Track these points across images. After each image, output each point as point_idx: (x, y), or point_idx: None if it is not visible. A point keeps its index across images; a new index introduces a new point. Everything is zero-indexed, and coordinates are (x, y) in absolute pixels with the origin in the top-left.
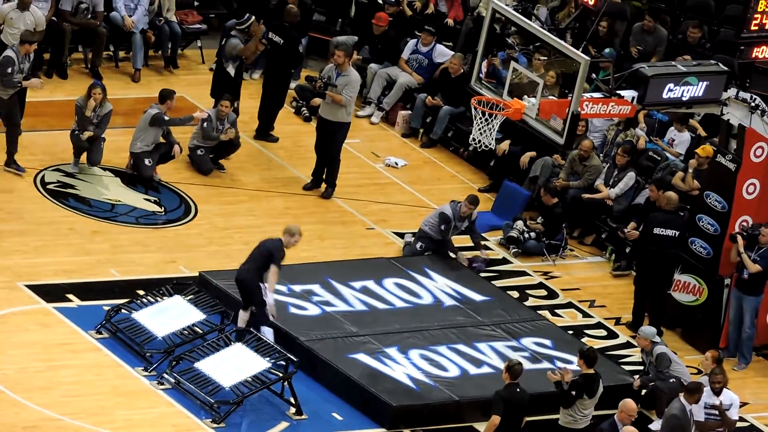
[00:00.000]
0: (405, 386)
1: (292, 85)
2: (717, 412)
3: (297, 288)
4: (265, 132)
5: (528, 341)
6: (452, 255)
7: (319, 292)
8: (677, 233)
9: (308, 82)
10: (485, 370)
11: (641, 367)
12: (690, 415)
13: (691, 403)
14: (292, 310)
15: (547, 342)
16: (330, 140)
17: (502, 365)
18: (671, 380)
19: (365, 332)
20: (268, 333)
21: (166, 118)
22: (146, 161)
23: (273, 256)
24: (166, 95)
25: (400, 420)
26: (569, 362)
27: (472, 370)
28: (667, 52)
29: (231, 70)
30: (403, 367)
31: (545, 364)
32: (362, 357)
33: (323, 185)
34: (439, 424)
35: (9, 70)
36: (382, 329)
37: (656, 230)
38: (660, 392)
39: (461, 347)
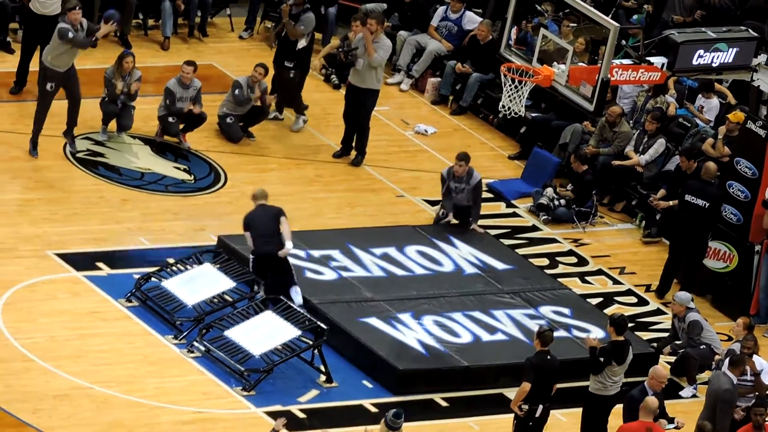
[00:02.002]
0: (413, 350)
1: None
2: (749, 378)
3: (316, 253)
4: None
5: (546, 309)
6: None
7: (337, 257)
8: (707, 204)
9: (338, 48)
10: (499, 336)
11: (665, 334)
12: (735, 388)
13: (736, 375)
14: (308, 274)
15: (566, 311)
16: (359, 107)
17: (517, 333)
18: (701, 347)
19: (380, 298)
20: (297, 294)
21: (71, 35)
22: (170, 119)
23: (282, 212)
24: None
25: (407, 384)
26: (586, 331)
27: (485, 336)
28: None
29: (303, 42)
30: (414, 332)
31: (561, 333)
32: (373, 321)
33: (353, 153)
34: (448, 387)
35: (71, 35)
36: (397, 295)
37: (687, 197)
38: (690, 359)
39: (477, 314)
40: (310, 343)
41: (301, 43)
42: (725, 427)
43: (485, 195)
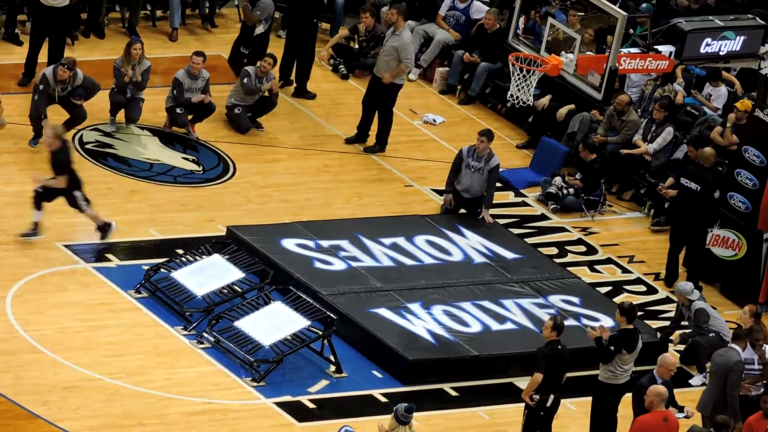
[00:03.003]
0: (423, 340)
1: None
2: (756, 367)
3: (325, 243)
4: (302, 89)
5: (555, 298)
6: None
7: (347, 247)
8: (699, 188)
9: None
10: (508, 326)
11: (668, 322)
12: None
13: (743, 348)
14: (318, 264)
15: (575, 299)
16: (378, 98)
17: (526, 322)
18: (710, 334)
19: (389, 287)
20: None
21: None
22: (178, 110)
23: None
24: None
25: (416, 374)
26: (596, 320)
27: (495, 326)
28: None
29: (260, 28)
30: (423, 321)
31: (571, 322)
32: (382, 311)
33: (373, 141)
34: (457, 377)
35: (42, 87)
36: (407, 285)
37: (682, 180)
38: (700, 347)
39: (486, 303)
40: (320, 333)
41: (259, 29)
42: (736, 398)
43: None
